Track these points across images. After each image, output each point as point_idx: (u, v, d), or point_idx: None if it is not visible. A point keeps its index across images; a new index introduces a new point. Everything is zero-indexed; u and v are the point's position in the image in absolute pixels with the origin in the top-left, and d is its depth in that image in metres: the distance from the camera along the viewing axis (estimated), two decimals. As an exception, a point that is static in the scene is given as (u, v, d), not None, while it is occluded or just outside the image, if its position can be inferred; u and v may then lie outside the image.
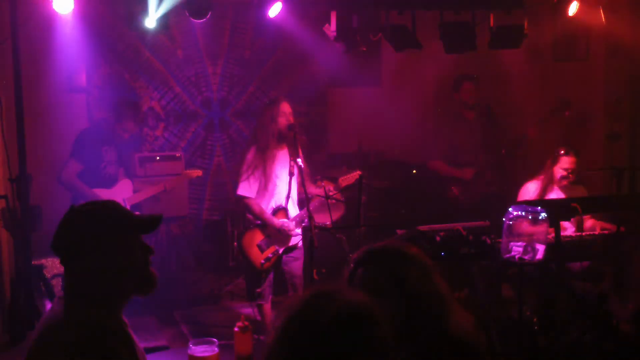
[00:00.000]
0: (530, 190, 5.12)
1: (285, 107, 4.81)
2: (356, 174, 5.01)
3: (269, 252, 4.83)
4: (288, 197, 4.93)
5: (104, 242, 1.89)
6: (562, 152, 5.02)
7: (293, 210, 4.97)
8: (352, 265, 1.94)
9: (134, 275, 1.95)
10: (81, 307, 1.89)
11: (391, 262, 1.89)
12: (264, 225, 4.84)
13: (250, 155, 4.83)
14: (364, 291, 1.80)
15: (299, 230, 4.94)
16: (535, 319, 4.55)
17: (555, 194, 5.07)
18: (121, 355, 1.87)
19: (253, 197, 4.81)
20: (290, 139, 4.79)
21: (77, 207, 1.96)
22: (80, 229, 1.91)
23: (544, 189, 5.07)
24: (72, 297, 1.92)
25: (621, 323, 4.35)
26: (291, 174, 4.90)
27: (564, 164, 5.01)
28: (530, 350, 4.41)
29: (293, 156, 4.82)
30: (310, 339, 1.38)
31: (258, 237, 4.85)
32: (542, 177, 5.13)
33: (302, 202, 4.86)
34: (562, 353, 4.38)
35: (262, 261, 4.81)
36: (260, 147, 4.82)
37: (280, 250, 4.88)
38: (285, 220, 4.85)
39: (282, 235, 4.83)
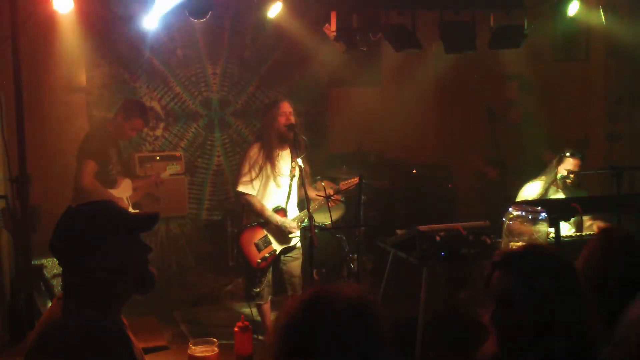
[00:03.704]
0: (531, 190, 5.12)
1: (286, 107, 4.81)
2: (355, 180, 5.01)
3: (266, 252, 4.83)
4: (288, 198, 4.93)
5: (102, 241, 1.88)
6: (568, 154, 5.04)
7: (292, 211, 4.97)
8: (490, 267, 1.93)
9: (133, 275, 1.95)
10: (79, 308, 1.89)
11: (528, 269, 1.84)
12: (264, 223, 4.84)
13: (252, 152, 4.83)
14: (499, 294, 1.83)
15: (298, 232, 4.94)
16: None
17: (557, 195, 5.07)
18: (119, 356, 1.87)
19: (254, 194, 4.81)
20: (292, 139, 4.79)
21: (75, 208, 1.95)
22: (78, 229, 1.90)
23: (547, 190, 5.07)
24: (70, 298, 1.92)
25: None
26: (292, 176, 4.90)
27: (568, 166, 5.03)
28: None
29: (294, 157, 4.82)
30: (311, 339, 1.39)
31: (256, 235, 4.84)
32: (544, 177, 5.13)
33: (302, 204, 4.86)
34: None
35: (259, 260, 4.81)
36: (263, 146, 4.82)
37: (277, 251, 4.88)
38: (286, 218, 4.86)
39: (282, 232, 4.83)
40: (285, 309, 1.47)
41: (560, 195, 5.06)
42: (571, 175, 5.00)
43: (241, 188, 4.80)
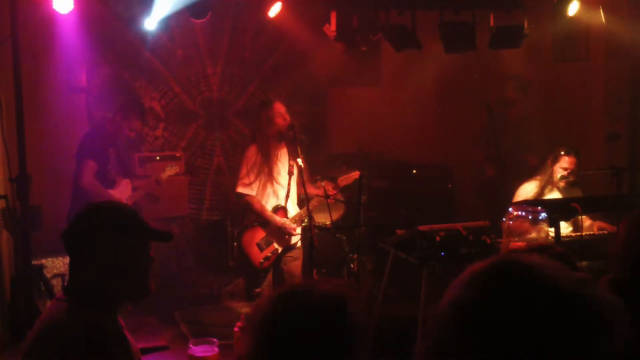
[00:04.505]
0: (527, 190, 5.11)
1: (279, 108, 4.81)
2: (355, 174, 5.00)
3: (268, 251, 4.83)
4: (287, 196, 4.93)
5: (116, 241, 1.94)
6: (563, 152, 5.03)
7: (292, 209, 4.97)
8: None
9: (135, 281, 1.99)
10: (80, 307, 1.90)
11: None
12: (265, 224, 4.84)
13: (250, 154, 4.83)
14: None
15: (299, 230, 4.94)
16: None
17: (553, 194, 5.07)
18: (117, 356, 1.88)
19: (253, 195, 4.81)
20: (290, 138, 4.79)
21: (97, 204, 2.05)
22: (97, 224, 1.96)
23: (542, 189, 5.06)
24: (72, 296, 1.94)
25: None
26: (290, 174, 4.90)
27: (564, 164, 5.01)
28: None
29: (292, 155, 4.83)
30: (285, 336, 1.39)
31: (258, 236, 4.84)
32: (539, 177, 5.13)
33: (302, 202, 4.86)
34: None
35: (261, 260, 4.81)
36: (260, 147, 4.82)
37: (280, 250, 4.88)
38: (286, 218, 4.86)
39: (282, 233, 4.83)
40: (261, 301, 1.48)
41: (556, 194, 5.06)
42: (570, 176, 5.00)
43: (240, 189, 4.81)
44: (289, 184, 4.91)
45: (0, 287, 4.86)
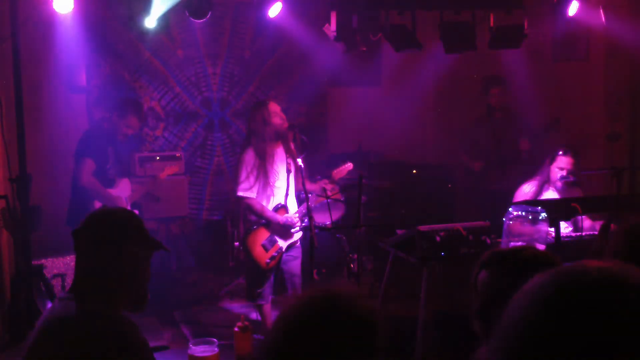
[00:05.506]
0: (525, 191, 5.10)
1: (274, 107, 4.81)
2: (348, 165, 5.02)
3: (273, 251, 4.84)
4: (287, 194, 4.93)
5: (126, 247, 1.99)
6: (561, 152, 5.01)
7: (293, 206, 4.97)
8: (477, 267, 1.94)
9: (135, 288, 2.04)
10: (88, 305, 1.93)
11: (517, 267, 1.84)
12: (267, 224, 4.84)
13: (247, 157, 4.82)
14: (485, 293, 1.85)
15: (299, 222, 4.94)
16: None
17: (551, 194, 5.06)
18: (141, 344, 1.94)
19: (254, 197, 4.81)
20: (290, 138, 4.79)
21: (112, 209, 2.22)
22: (111, 227, 2.01)
23: (540, 189, 5.05)
24: (78, 294, 1.96)
25: None
26: (289, 171, 4.90)
27: (561, 164, 5.00)
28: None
29: (289, 153, 4.84)
30: (308, 343, 1.40)
31: (261, 236, 4.85)
32: (538, 177, 5.12)
33: (302, 201, 4.87)
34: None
35: (267, 260, 4.82)
36: (257, 148, 4.81)
37: (284, 248, 4.89)
38: (288, 215, 4.87)
39: (286, 230, 4.84)
40: (286, 308, 1.49)
41: (554, 194, 5.05)
42: (570, 176, 4.99)
43: (241, 193, 4.80)
44: (287, 182, 4.92)
45: (0, 287, 4.86)
